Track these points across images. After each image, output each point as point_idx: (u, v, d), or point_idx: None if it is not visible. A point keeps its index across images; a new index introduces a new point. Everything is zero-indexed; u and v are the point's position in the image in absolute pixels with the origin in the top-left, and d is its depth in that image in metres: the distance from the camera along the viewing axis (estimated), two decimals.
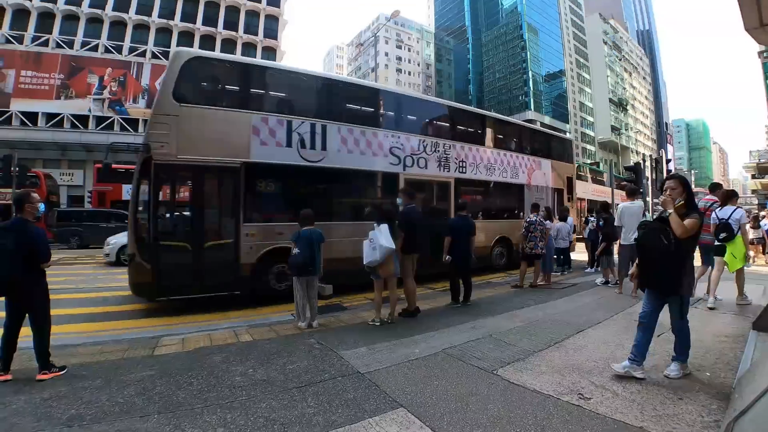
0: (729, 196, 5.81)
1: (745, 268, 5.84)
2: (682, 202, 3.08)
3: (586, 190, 30.75)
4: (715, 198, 6.10)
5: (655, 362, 3.07)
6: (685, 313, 3.18)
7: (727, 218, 5.52)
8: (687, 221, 2.97)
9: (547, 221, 8.39)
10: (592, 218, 10.94)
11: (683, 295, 3.14)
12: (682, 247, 3.01)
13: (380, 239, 4.77)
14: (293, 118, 7.02)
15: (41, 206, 3.52)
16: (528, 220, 7.83)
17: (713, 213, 5.77)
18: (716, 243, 5.64)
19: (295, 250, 4.83)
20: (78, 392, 2.99)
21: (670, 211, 3.05)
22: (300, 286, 4.90)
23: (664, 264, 3.04)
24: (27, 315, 3.35)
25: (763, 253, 13.25)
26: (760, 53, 31.05)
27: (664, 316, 3.24)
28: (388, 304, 5.27)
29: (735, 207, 5.69)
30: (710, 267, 6.09)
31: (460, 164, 9.50)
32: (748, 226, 6.96)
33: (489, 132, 10.80)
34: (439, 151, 9.04)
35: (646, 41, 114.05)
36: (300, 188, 7.30)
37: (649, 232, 3.19)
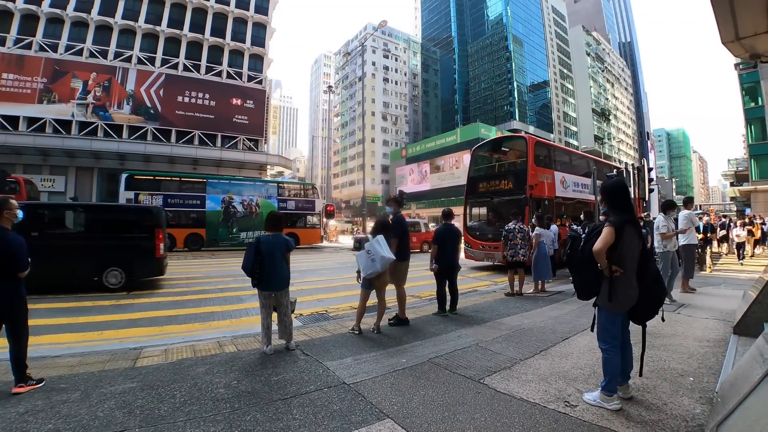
0: None
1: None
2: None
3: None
4: None
5: (636, 368, 3.10)
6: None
7: None
8: None
9: (537, 228, 8.35)
10: (574, 226, 11.05)
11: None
12: None
13: (380, 251, 4.76)
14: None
15: (20, 213, 3.43)
16: (506, 228, 7.79)
17: None
18: None
19: (247, 257, 4.12)
20: (56, 406, 2.90)
21: None
22: (265, 302, 4.24)
23: None
24: (3, 325, 3.23)
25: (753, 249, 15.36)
26: (736, 65, 32.08)
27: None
28: (373, 314, 5.24)
29: None
30: None
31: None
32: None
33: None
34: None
35: (628, 53, 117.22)
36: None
37: None
